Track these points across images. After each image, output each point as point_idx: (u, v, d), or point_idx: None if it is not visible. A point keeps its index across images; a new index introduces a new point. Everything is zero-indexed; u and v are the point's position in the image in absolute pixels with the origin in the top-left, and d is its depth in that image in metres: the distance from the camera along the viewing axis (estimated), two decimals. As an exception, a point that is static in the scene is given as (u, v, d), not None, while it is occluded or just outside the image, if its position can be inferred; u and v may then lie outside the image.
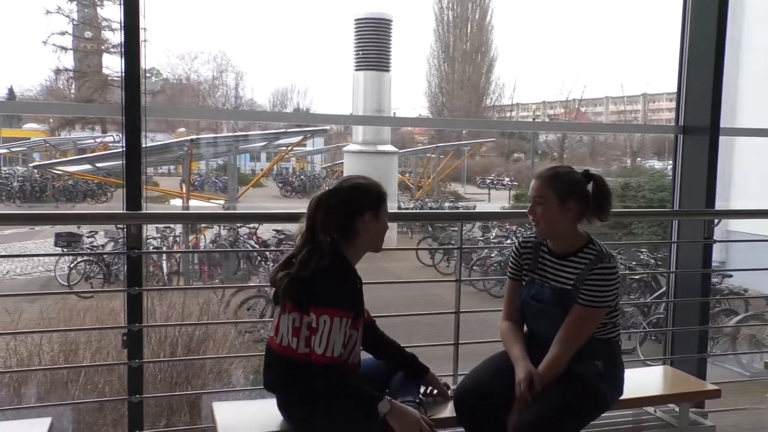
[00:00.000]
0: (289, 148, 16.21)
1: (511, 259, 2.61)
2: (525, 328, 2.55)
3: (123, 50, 2.71)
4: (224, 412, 2.49)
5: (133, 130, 2.64)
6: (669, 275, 3.46)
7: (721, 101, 3.14)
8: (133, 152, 2.66)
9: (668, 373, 3.10)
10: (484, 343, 2.85)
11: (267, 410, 2.40)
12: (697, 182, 3.20)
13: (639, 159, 35.42)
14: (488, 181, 36.93)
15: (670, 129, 3.46)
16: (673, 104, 3.50)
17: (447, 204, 21.58)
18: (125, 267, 2.67)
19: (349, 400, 2.20)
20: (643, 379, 2.91)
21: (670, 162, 4.19)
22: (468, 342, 2.99)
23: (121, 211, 2.68)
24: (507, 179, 35.60)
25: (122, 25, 2.69)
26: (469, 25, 44.59)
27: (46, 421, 2.33)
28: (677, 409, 2.79)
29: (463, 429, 2.46)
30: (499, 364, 2.50)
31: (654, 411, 2.82)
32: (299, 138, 14.81)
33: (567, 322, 2.35)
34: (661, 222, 12.85)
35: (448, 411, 2.46)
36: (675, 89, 3.30)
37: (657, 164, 28.03)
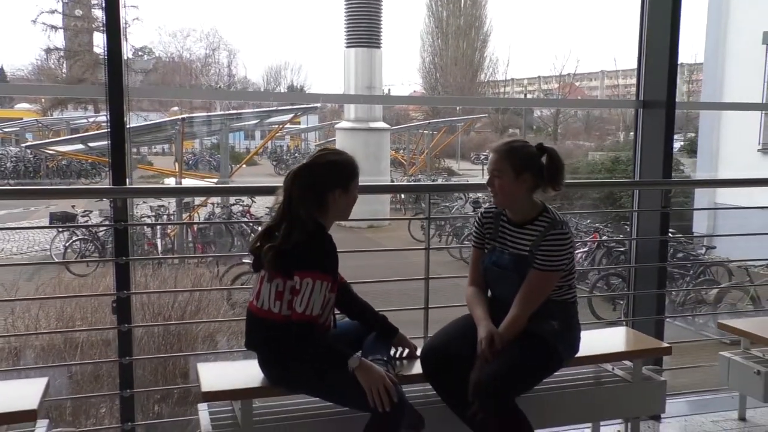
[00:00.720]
0: (281, 126, 16.29)
1: (474, 228, 2.77)
2: (489, 293, 2.72)
3: (105, 29, 2.85)
4: (208, 371, 2.65)
5: (116, 108, 2.78)
6: (630, 242, 3.63)
7: (677, 77, 3.30)
8: (118, 130, 2.81)
9: (626, 333, 3.32)
10: (452, 307, 3.01)
11: (248, 369, 2.56)
12: (655, 154, 3.37)
13: (632, 133, 35.73)
14: (482, 157, 36.99)
15: (631, 103, 3.61)
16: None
17: (439, 179, 21.70)
18: (112, 239, 2.82)
19: (321, 357, 2.38)
20: (601, 339, 3.11)
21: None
22: (437, 306, 3.17)
23: (108, 186, 2.83)
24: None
25: (103, 4, 2.81)
26: (462, 0, 44.30)
27: (42, 381, 2.51)
28: (650, 371, 2.98)
29: (429, 385, 2.64)
30: (463, 326, 2.67)
31: (612, 368, 3.01)
32: (290, 116, 14.90)
33: (524, 286, 2.52)
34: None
35: (416, 369, 2.65)
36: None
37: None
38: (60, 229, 13.21)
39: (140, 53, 41.30)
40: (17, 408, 2.33)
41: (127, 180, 2.79)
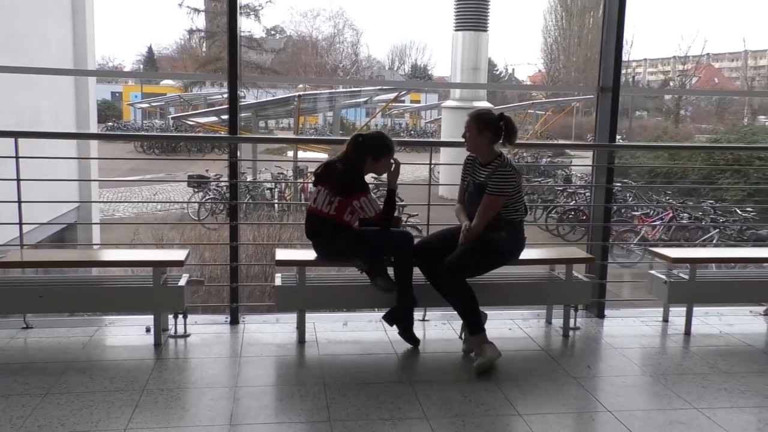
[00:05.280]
0: (387, 104, 17.46)
1: (462, 169, 3.83)
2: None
3: (228, 22, 4.08)
4: (281, 253, 4.00)
5: (233, 81, 4.04)
6: (592, 188, 4.78)
7: (621, 67, 4.30)
8: (233, 102, 4.11)
9: (569, 249, 4.71)
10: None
11: (305, 253, 3.88)
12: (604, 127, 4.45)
13: (762, 117, 33.85)
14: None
15: (593, 88, 4.57)
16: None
17: (545, 159, 22.10)
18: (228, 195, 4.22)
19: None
20: (552, 251, 4.51)
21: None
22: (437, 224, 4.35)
23: (224, 135, 4.13)
24: (619, 138, 34.86)
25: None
26: (589, -21, 43.24)
27: (185, 251, 3.88)
28: (577, 274, 4.17)
29: (420, 271, 3.74)
30: (446, 232, 3.82)
31: (557, 273, 4.18)
32: (394, 95, 16.04)
33: (480, 204, 3.57)
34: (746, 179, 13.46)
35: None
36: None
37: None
38: (195, 189, 15.27)
39: (272, 32, 43.99)
40: (172, 258, 3.80)
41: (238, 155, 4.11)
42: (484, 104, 18.48)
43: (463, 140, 3.70)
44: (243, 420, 2.91)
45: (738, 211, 11.35)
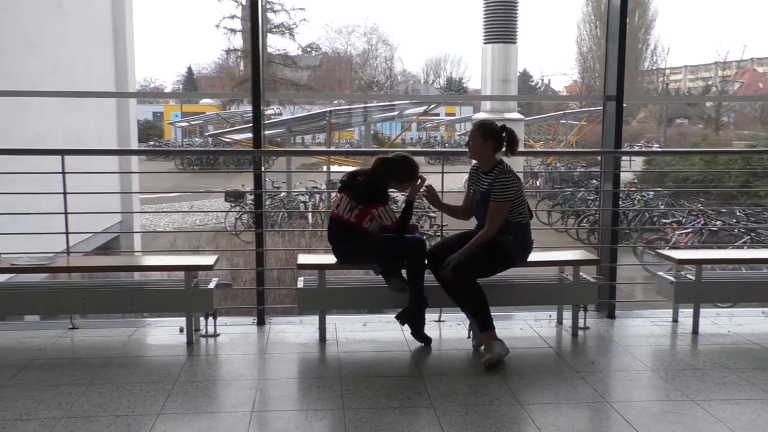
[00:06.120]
0: (417, 117, 17.76)
1: (468, 179, 4.06)
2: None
3: (251, 43, 4.41)
4: (302, 258, 4.32)
5: (257, 101, 4.37)
6: (601, 192, 4.92)
7: (624, 76, 4.47)
8: (257, 118, 4.43)
9: (580, 252, 4.85)
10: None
11: (325, 257, 4.17)
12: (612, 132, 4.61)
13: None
14: (636, 147, 35.97)
15: (599, 97, 4.73)
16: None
17: (579, 168, 22.09)
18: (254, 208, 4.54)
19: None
20: (563, 254, 4.61)
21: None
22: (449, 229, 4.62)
23: (250, 149, 4.46)
24: (657, 146, 34.57)
25: (251, 22, 4.38)
26: (624, -15, 42.83)
27: (214, 256, 4.19)
28: (585, 275, 4.32)
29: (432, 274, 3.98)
30: (457, 236, 4.04)
31: (566, 274, 4.36)
32: (423, 109, 16.33)
33: (489, 211, 3.77)
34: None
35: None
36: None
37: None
38: (232, 204, 15.77)
39: (308, 50, 44.78)
40: (203, 263, 4.12)
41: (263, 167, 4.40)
42: (514, 115, 18.63)
43: (466, 149, 3.95)
44: (264, 407, 3.19)
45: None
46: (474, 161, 3.97)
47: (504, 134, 3.84)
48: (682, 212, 12.76)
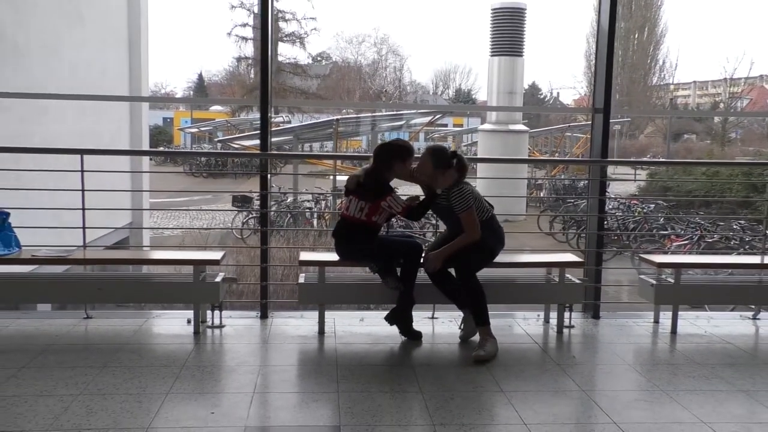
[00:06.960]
0: (422, 127, 18.07)
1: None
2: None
3: (260, 53, 4.70)
4: (304, 254, 4.65)
5: (264, 107, 4.65)
6: (588, 199, 5.23)
7: (611, 90, 4.71)
8: (264, 123, 4.71)
9: (566, 255, 5.02)
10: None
11: (326, 254, 4.39)
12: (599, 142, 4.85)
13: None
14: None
15: (588, 110, 5.01)
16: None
17: (583, 182, 22.30)
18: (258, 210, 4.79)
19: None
20: (550, 256, 4.92)
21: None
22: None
23: (257, 151, 4.75)
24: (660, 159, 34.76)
25: (261, 30, 4.66)
26: (634, 1, 43.18)
27: (221, 252, 4.47)
28: (571, 276, 4.57)
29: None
30: (446, 235, 4.30)
31: (552, 275, 4.63)
32: (428, 118, 16.62)
33: (462, 222, 4.06)
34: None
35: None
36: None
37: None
38: (239, 210, 16.09)
39: (318, 59, 45.21)
40: (210, 257, 4.38)
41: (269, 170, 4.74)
42: (519, 127, 18.92)
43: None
44: (265, 390, 3.45)
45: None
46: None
47: (455, 160, 4.12)
48: (680, 224, 12.98)
